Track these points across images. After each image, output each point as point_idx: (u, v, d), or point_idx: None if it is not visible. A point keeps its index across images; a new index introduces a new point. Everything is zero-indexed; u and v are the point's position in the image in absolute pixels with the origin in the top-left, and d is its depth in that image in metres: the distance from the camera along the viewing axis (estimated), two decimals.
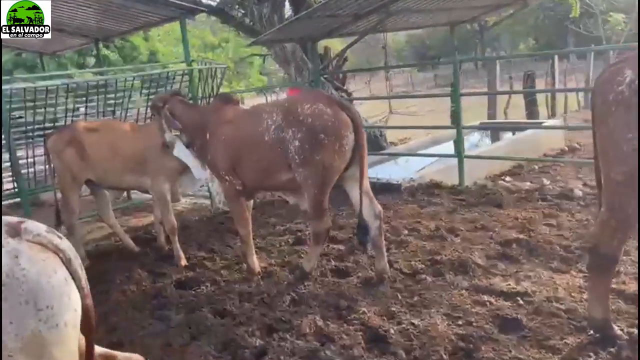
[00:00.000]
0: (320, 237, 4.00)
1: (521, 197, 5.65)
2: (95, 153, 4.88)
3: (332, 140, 3.65)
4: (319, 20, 6.79)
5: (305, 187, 3.81)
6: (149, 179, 4.87)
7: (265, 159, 3.93)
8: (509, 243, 4.35)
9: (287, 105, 3.87)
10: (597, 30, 26.64)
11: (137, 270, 4.72)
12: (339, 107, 3.75)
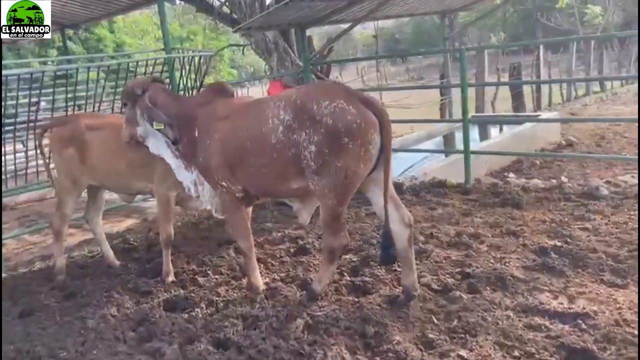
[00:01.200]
0: (334, 255, 3.41)
1: (540, 196, 5.19)
2: (96, 155, 4.21)
3: (357, 144, 3.05)
4: (311, 4, 6.21)
5: (322, 197, 3.21)
6: (153, 183, 4.19)
7: (271, 164, 3.32)
8: (545, 251, 3.86)
9: (299, 102, 3.20)
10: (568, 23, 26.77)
11: (118, 288, 4.06)
12: (362, 103, 3.13)
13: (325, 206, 3.22)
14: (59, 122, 4.51)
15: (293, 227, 5.21)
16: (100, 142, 4.21)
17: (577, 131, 10.10)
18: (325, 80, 6.89)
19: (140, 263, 4.70)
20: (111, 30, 29.08)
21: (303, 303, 3.48)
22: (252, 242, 3.78)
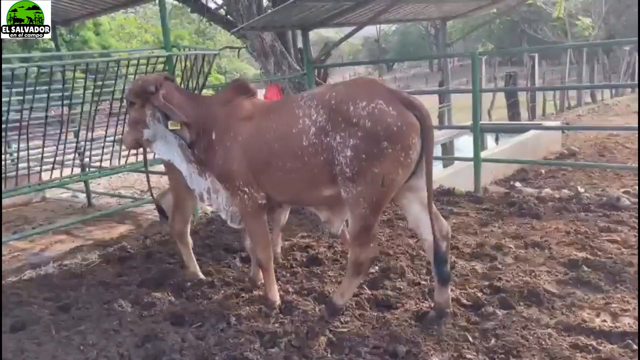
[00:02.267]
0: (362, 268, 3.13)
1: (558, 206, 5.01)
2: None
3: (397, 148, 2.79)
4: (317, 4, 5.99)
5: (355, 206, 2.93)
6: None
7: (301, 169, 3.05)
8: (575, 264, 3.66)
9: (334, 102, 2.92)
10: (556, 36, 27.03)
11: (119, 300, 3.76)
12: (403, 105, 2.86)
13: (357, 216, 2.95)
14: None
15: (300, 235, 4.95)
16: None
17: (576, 141, 10.02)
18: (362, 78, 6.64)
19: (139, 272, 4.39)
20: (97, 32, 28.63)
21: (324, 318, 3.22)
22: (271, 254, 3.50)
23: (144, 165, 4.14)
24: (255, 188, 3.29)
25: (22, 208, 7.70)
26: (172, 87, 3.56)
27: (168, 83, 3.56)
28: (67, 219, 6.66)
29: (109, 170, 5.90)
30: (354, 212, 2.96)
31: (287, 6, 5.88)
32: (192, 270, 4.14)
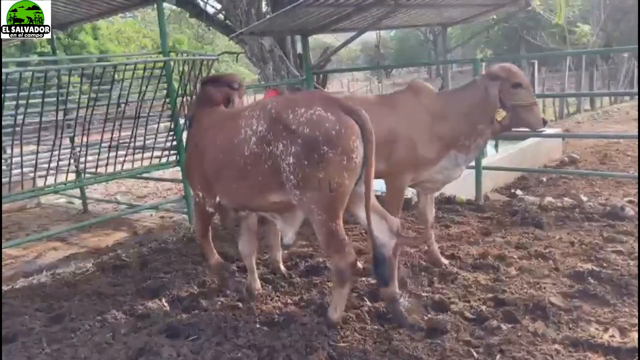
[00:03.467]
0: (344, 276, 3.06)
1: (561, 215, 4.93)
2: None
3: (338, 152, 2.83)
4: (318, 9, 5.92)
5: (310, 214, 2.98)
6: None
7: (247, 178, 3.13)
8: (581, 276, 3.58)
9: (274, 111, 3.01)
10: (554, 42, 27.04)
11: (112, 311, 3.66)
12: (342, 110, 2.91)
13: (316, 223, 2.98)
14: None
15: (298, 244, 4.86)
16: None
17: (576, 148, 9.95)
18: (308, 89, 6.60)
19: (134, 282, 4.29)
20: (95, 37, 28.60)
21: (323, 332, 3.12)
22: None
23: None
24: (208, 196, 3.51)
25: (16, 214, 7.59)
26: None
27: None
28: (61, 226, 6.56)
29: (105, 177, 5.80)
30: (312, 220, 3.00)
31: (286, 11, 5.80)
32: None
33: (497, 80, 3.58)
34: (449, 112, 3.72)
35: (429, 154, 3.73)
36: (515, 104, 3.57)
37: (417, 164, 3.75)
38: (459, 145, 3.73)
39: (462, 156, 3.79)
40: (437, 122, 3.71)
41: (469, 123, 3.68)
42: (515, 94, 3.57)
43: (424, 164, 3.76)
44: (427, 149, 3.71)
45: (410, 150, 3.70)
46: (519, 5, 8.48)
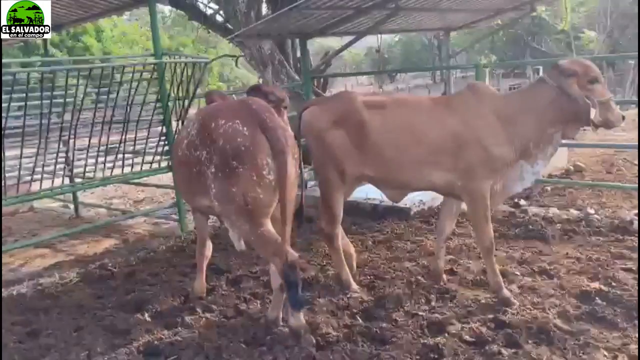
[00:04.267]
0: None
1: (566, 228, 4.70)
2: (384, 139, 3.49)
3: (247, 168, 2.85)
4: (316, 11, 5.74)
5: (232, 225, 3.08)
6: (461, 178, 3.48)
7: (186, 178, 3.30)
8: (588, 296, 3.36)
9: (201, 117, 3.14)
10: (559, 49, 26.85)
11: (91, 326, 3.47)
12: (259, 126, 2.89)
13: (241, 232, 3.06)
14: (323, 99, 3.97)
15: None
16: (385, 122, 3.52)
17: (581, 156, 9.69)
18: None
19: (118, 294, 4.10)
20: (98, 39, 28.57)
21: (310, 355, 2.91)
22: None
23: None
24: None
25: (8, 218, 7.41)
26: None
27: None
28: (51, 232, 6.37)
29: (97, 182, 5.63)
30: (236, 230, 3.08)
31: (284, 13, 5.63)
32: (345, 278, 3.81)
33: (573, 77, 3.20)
34: (516, 115, 3.34)
35: (505, 153, 3.33)
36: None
37: (494, 167, 3.34)
38: (527, 154, 3.36)
39: (528, 167, 3.41)
40: (505, 126, 3.34)
41: (539, 127, 3.31)
42: (592, 90, 3.20)
43: (502, 166, 3.35)
44: (502, 149, 3.32)
45: (483, 152, 3.32)
46: (523, 11, 8.31)
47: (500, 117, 3.35)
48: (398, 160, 3.46)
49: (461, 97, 3.56)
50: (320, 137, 3.56)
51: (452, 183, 3.43)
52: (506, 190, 3.51)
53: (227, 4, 9.23)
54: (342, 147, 3.50)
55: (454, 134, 3.36)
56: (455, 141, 3.36)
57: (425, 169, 3.44)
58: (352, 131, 3.48)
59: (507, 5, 7.86)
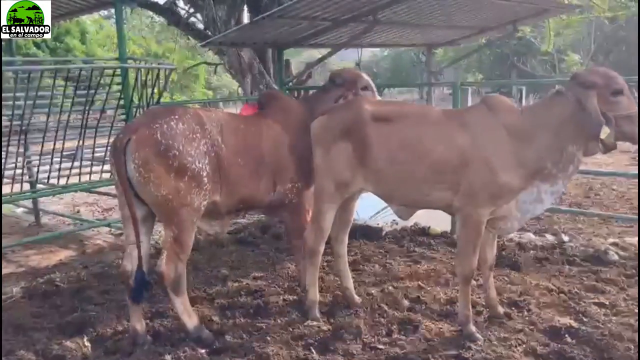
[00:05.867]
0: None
1: (540, 256, 4.52)
2: (385, 153, 3.25)
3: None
4: (291, 22, 5.55)
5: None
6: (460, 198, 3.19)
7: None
8: (558, 333, 3.15)
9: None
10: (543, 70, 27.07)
11: (20, 351, 3.18)
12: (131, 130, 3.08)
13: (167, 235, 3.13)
14: (335, 108, 3.62)
15: (252, 275, 4.41)
16: (389, 134, 3.28)
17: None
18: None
19: (60, 313, 3.81)
20: (83, 41, 28.19)
21: None
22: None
23: None
24: None
25: None
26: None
27: None
28: (7, 240, 6.04)
29: (58, 189, 5.35)
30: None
31: (258, 22, 5.43)
32: (310, 300, 3.58)
33: (593, 89, 2.93)
34: (533, 132, 3.05)
35: (512, 180, 3.04)
36: (617, 115, 2.89)
37: (498, 194, 3.07)
38: (545, 174, 3.06)
39: (546, 187, 3.10)
40: (520, 144, 3.05)
41: (558, 145, 3.01)
42: (616, 102, 2.91)
43: (506, 194, 3.07)
44: (509, 175, 3.04)
45: (487, 175, 3.05)
46: (506, 31, 8.20)
47: (515, 135, 3.06)
48: (397, 177, 3.23)
49: (474, 111, 3.26)
50: (327, 149, 3.35)
51: (449, 203, 3.19)
52: (523, 214, 3.20)
53: (207, 11, 9.02)
54: (346, 160, 3.30)
55: (460, 151, 3.09)
56: (460, 159, 3.09)
57: (425, 187, 3.19)
58: (357, 143, 3.27)
59: (490, 24, 7.74)
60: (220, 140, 3.25)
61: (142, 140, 2.98)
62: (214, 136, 3.23)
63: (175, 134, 3.04)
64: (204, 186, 3.10)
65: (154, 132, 3.00)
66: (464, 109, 3.54)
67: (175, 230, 3.08)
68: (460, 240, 3.26)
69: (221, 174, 3.25)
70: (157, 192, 3.00)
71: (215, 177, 3.20)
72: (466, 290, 3.21)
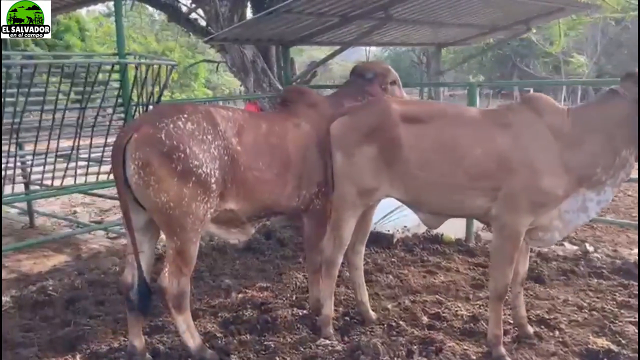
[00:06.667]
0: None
1: (564, 268, 4.25)
2: (416, 156, 2.97)
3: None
4: (298, 18, 5.28)
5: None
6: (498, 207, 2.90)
7: None
8: (595, 357, 2.89)
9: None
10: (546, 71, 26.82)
11: None
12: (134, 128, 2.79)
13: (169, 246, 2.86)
14: (355, 108, 3.29)
15: (258, 285, 4.14)
16: (421, 136, 2.99)
17: None
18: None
19: (51, 327, 3.53)
20: (82, 38, 27.93)
21: None
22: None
23: None
24: None
25: None
26: None
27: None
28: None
29: (53, 191, 5.07)
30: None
31: (262, 18, 5.15)
32: (325, 315, 3.29)
33: None
34: (582, 135, 2.79)
35: (557, 187, 2.78)
36: None
37: (540, 202, 2.80)
38: (593, 181, 2.80)
39: (592, 195, 2.84)
40: (567, 147, 2.79)
41: (611, 150, 2.76)
42: None
43: (549, 202, 2.81)
44: (554, 181, 2.77)
45: (529, 181, 2.77)
46: (517, 30, 7.95)
47: (561, 138, 2.79)
48: (429, 182, 2.94)
49: (515, 111, 2.97)
50: (350, 153, 3.05)
51: (486, 211, 2.91)
52: (566, 225, 2.91)
53: (210, 6, 8.74)
54: (371, 164, 3.00)
55: (501, 156, 2.82)
56: (499, 163, 2.82)
57: (460, 193, 2.90)
58: (384, 146, 2.97)
59: (501, 23, 7.49)
60: (235, 142, 2.95)
61: (144, 139, 2.70)
62: (229, 137, 2.93)
63: (182, 134, 2.75)
64: (211, 193, 2.82)
65: (158, 131, 2.71)
66: (504, 108, 3.24)
67: (177, 242, 2.80)
68: (494, 252, 2.98)
69: (237, 180, 2.95)
70: (157, 198, 2.71)
71: (227, 183, 2.91)
72: (498, 308, 2.94)
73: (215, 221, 3.02)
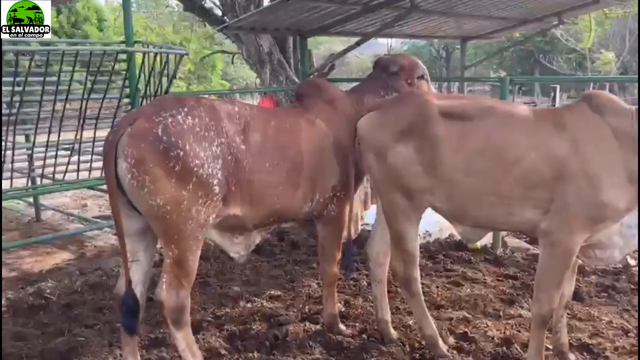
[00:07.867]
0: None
1: (604, 283, 3.88)
2: (458, 159, 2.63)
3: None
4: (317, 5, 4.95)
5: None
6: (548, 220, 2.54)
7: None
8: None
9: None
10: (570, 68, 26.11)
11: None
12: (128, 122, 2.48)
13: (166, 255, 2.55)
14: (385, 103, 3.00)
15: (267, 293, 3.84)
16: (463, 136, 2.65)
17: None
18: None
19: (45, 335, 3.27)
20: (100, 28, 27.96)
21: None
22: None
23: None
24: None
25: None
26: None
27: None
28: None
29: (57, 186, 4.84)
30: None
31: (281, 4, 4.82)
32: (430, 335, 2.95)
33: None
34: None
35: (620, 199, 2.42)
36: None
37: (599, 216, 2.44)
38: None
39: None
40: (633, 154, 2.42)
41: None
42: None
43: (610, 217, 2.45)
44: (617, 192, 2.42)
45: (588, 192, 2.42)
46: (549, 23, 7.54)
47: (627, 143, 2.41)
48: (474, 190, 2.59)
49: (575, 111, 2.61)
50: (382, 154, 2.71)
51: (535, 225, 2.55)
52: (627, 242, 2.52)
53: None
54: (409, 168, 2.66)
55: (556, 161, 2.47)
56: (555, 170, 2.47)
57: (509, 204, 2.55)
58: (423, 147, 2.63)
59: (532, 15, 7.08)
60: (240, 140, 2.64)
61: (138, 135, 2.39)
62: (233, 135, 2.61)
63: (182, 130, 2.43)
64: (213, 196, 2.51)
65: (155, 125, 2.40)
66: (561, 107, 2.87)
67: (175, 250, 2.50)
68: (542, 272, 2.60)
69: (242, 182, 2.64)
70: (152, 201, 2.41)
71: (231, 186, 2.60)
72: (541, 335, 2.59)
73: (218, 227, 2.71)
